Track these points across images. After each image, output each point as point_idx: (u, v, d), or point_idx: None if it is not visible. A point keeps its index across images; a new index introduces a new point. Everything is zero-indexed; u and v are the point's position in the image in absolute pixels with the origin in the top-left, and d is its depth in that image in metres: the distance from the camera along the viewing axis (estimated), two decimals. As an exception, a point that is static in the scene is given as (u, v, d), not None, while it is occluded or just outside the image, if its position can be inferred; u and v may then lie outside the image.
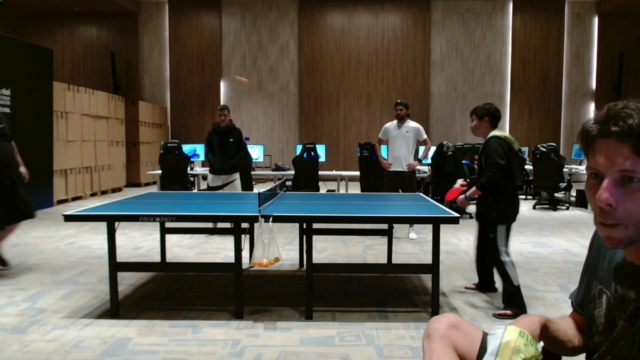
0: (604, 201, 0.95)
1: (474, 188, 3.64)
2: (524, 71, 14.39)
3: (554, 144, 9.05)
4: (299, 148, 8.65)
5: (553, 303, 3.80)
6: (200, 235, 6.05)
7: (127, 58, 14.67)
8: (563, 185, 8.78)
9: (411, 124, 6.25)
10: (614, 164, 0.95)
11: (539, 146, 9.12)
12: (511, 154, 3.60)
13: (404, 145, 6.18)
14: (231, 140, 6.23)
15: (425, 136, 6.37)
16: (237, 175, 6.34)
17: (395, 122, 6.28)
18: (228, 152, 6.21)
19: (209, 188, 6.31)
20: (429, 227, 4.20)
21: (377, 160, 6.73)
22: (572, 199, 9.61)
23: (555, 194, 9.13)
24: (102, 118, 10.92)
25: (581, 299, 1.32)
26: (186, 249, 5.59)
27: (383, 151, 6.75)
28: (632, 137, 0.93)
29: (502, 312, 3.51)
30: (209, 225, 5.59)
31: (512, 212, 3.63)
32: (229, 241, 5.50)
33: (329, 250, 5.53)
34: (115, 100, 11.69)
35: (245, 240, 3.82)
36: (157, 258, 5.01)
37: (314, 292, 3.46)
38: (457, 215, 3.33)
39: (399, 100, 6.36)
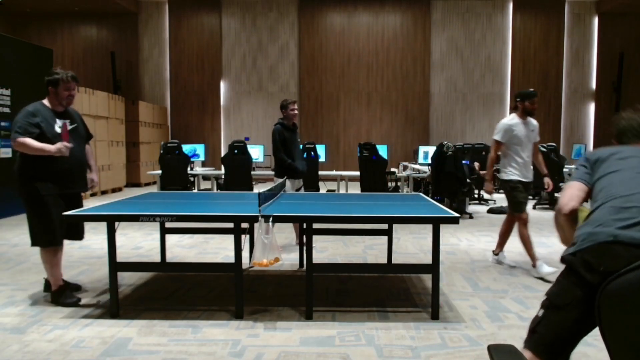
0: None
1: None
2: (524, 71, 14.39)
3: (554, 144, 9.05)
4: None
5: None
6: (200, 235, 6.05)
7: (127, 58, 14.67)
8: (563, 185, 8.77)
9: (533, 120, 4.84)
10: None
11: (539, 146, 9.10)
12: None
13: (530, 148, 4.79)
14: (299, 140, 5.59)
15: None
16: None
17: (517, 118, 4.74)
18: (300, 153, 5.59)
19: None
20: (429, 227, 4.20)
21: (377, 160, 6.56)
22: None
23: (556, 194, 9.12)
24: (102, 118, 10.92)
25: None
26: (186, 249, 5.59)
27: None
28: None
29: None
30: (208, 225, 5.55)
31: None
32: (229, 241, 5.50)
33: (329, 250, 5.53)
34: (115, 100, 11.69)
35: (245, 240, 3.81)
36: (157, 258, 5.01)
37: (313, 292, 3.46)
38: (457, 215, 3.33)
39: (532, 90, 4.85)
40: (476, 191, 9.51)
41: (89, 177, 4.03)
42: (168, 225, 4.68)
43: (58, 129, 3.71)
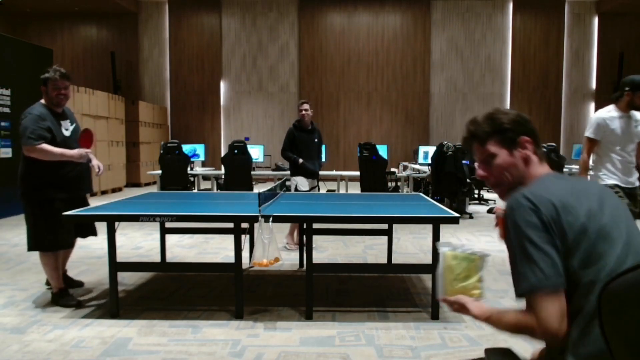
0: (478, 175, 1.63)
1: None
2: (524, 71, 14.39)
3: (554, 144, 9.05)
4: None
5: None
6: (200, 235, 6.05)
7: (127, 58, 14.67)
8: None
9: (638, 114, 3.90)
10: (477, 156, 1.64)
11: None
12: None
13: (634, 147, 3.91)
14: (316, 140, 5.73)
15: None
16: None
17: (616, 111, 3.84)
18: (314, 153, 5.71)
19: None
20: (429, 227, 4.20)
21: (377, 160, 6.58)
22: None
23: None
24: (102, 118, 10.93)
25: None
26: (186, 249, 5.59)
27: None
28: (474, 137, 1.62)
29: None
30: (208, 225, 5.55)
31: None
32: (229, 241, 5.50)
33: (329, 250, 5.53)
34: (115, 100, 11.69)
35: (245, 240, 3.81)
36: (157, 258, 5.01)
37: (313, 292, 3.46)
38: (457, 215, 3.33)
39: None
40: (476, 191, 9.51)
41: (94, 164, 3.76)
42: (168, 225, 4.68)
43: (64, 131, 3.69)
